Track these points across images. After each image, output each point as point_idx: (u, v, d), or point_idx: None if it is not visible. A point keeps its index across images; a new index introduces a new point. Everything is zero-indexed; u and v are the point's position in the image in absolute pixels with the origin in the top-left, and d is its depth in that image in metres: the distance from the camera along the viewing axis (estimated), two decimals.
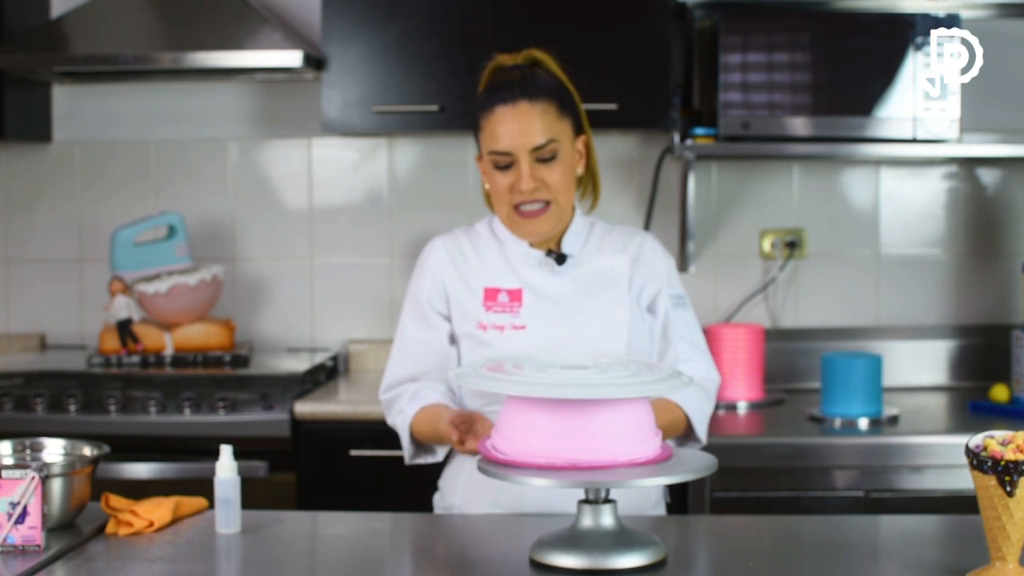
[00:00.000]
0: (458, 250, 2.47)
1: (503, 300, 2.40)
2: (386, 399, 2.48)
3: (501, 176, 2.34)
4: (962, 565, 1.85)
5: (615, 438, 1.87)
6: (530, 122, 2.31)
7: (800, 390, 3.61)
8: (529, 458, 1.87)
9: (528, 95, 2.33)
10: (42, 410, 3.34)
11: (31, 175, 3.98)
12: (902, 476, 3.04)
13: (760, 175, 3.81)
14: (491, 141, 2.34)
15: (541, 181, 2.33)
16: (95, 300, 3.89)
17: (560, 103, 2.35)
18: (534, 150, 2.31)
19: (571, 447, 1.86)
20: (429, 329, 2.45)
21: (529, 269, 2.43)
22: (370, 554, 2.11)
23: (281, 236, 3.93)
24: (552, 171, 2.33)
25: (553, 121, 2.33)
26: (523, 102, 2.32)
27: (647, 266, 2.45)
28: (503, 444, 1.91)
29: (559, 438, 1.86)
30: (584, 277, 2.42)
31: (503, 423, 1.93)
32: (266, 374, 3.48)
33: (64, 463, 2.11)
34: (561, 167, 2.35)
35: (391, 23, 3.51)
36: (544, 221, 2.37)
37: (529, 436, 1.88)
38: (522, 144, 2.31)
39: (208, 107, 3.94)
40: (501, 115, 2.32)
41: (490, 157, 2.35)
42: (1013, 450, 1.71)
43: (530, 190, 2.32)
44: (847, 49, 3.39)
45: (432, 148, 3.88)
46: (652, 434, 1.93)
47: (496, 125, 2.33)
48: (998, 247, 3.78)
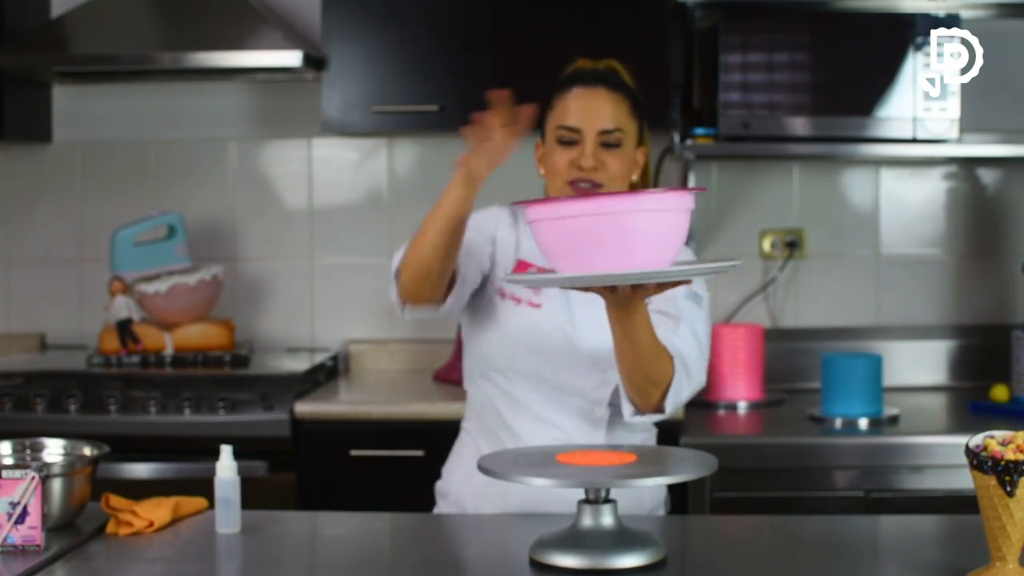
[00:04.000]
0: (512, 219, 2.48)
1: (532, 273, 2.39)
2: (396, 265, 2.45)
3: (563, 151, 2.37)
4: (962, 565, 1.85)
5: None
6: (604, 106, 2.36)
7: (800, 390, 3.61)
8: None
9: (607, 84, 2.39)
10: (42, 410, 3.34)
11: (31, 175, 3.98)
12: (902, 476, 3.04)
13: (760, 175, 3.81)
14: (562, 116, 2.37)
15: (602, 163, 2.35)
16: (95, 300, 3.88)
17: (634, 104, 2.41)
18: (601, 133, 2.35)
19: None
20: (475, 234, 2.40)
21: None
22: (370, 554, 2.11)
23: (281, 236, 3.93)
24: (614, 157, 2.36)
25: (624, 115, 2.38)
26: (601, 88, 2.38)
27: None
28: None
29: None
30: None
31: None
32: (266, 374, 3.48)
33: (64, 463, 2.11)
34: (622, 157, 2.38)
35: (391, 23, 3.51)
36: None
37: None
38: (592, 124, 2.35)
39: (208, 107, 3.94)
40: (577, 94, 2.38)
41: (556, 132, 2.37)
42: (1013, 450, 1.71)
43: (590, 167, 2.34)
44: (847, 49, 3.39)
45: (432, 148, 3.88)
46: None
47: (570, 101, 2.37)
48: (998, 247, 3.78)
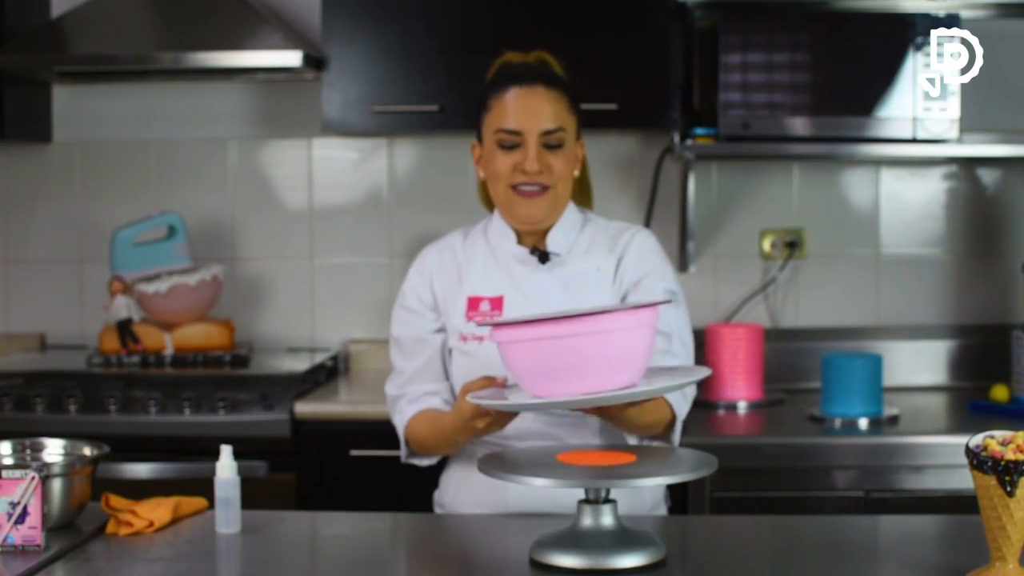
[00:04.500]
0: (451, 257, 2.45)
1: (484, 309, 2.38)
2: (390, 396, 2.48)
3: (504, 156, 2.33)
4: (962, 565, 1.85)
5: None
6: (545, 105, 2.32)
7: (800, 390, 3.61)
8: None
9: (545, 81, 2.34)
10: (42, 410, 3.34)
11: (31, 175, 3.98)
12: (902, 476, 3.04)
13: (760, 175, 3.81)
14: (500, 119, 2.32)
15: (546, 166, 2.32)
16: (95, 300, 3.88)
17: (571, 99, 2.37)
18: (544, 134, 2.31)
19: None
20: (418, 318, 2.44)
21: (514, 267, 2.40)
22: (370, 554, 2.11)
23: (281, 236, 3.93)
24: (557, 158, 2.33)
25: (564, 112, 2.34)
26: (539, 86, 2.33)
27: (632, 260, 2.40)
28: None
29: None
30: (568, 277, 2.39)
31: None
32: (266, 374, 3.48)
33: (64, 463, 2.11)
34: (565, 156, 2.34)
35: (391, 23, 3.51)
36: (541, 203, 2.34)
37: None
38: (534, 125, 2.31)
39: (208, 107, 3.94)
40: (516, 94, 2.32)
41: (496, 136, 2.33)
42: (1013, 450, 1.71)
43: (535, 172, 2.31)
44: (847, 49, 3.39)
45: (432, 148, 3.88)
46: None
47: (508, 103, 2.32)
48: (998, 247, 3.78)
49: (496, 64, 2.45)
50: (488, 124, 2.35)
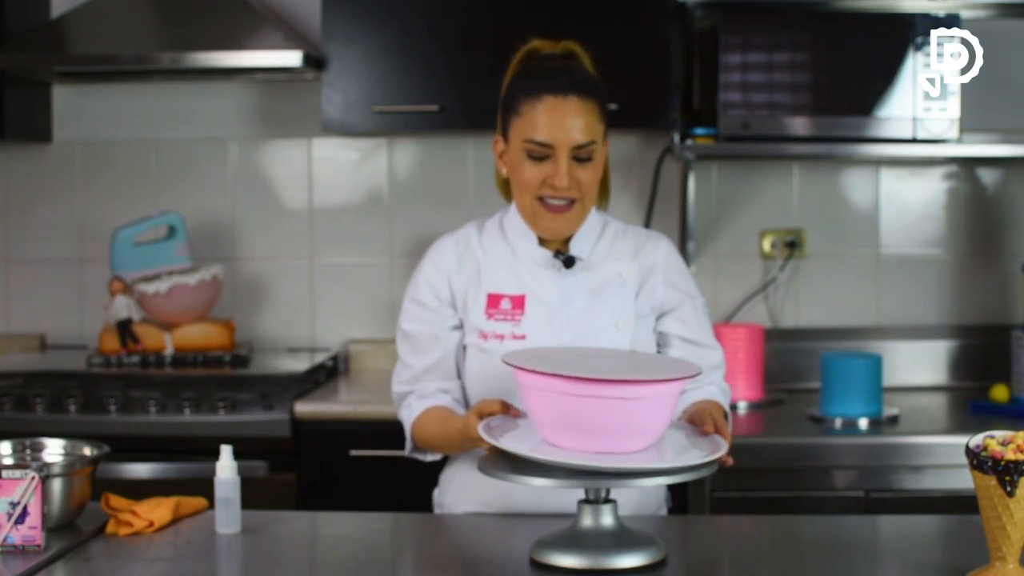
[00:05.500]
0: (467, 250, 2.40)
1: (505, 307, 2.34)
2: (398, 392, 2.44)
3: (533, 167, 2.26)
4: (962, 565, 1.85)
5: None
6: (578, 119, 2.24)
7: (800, 390, 3.61)
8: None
9: (579, 91, 2.26)
10: (42, 410, 3.34)
11: (31, 175, 3.98)
12: (902, 476, 3.04)
13: (760, 175, 3.81)
14: (531, 129, 2.25)
15: (575, 180, 2.26)
16: (95, 300, 3.89)
17: (602, 105, 2.30)
18: (575, 148, 2.25)
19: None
20: (434, 315, 2.39)
21: (536, 269, 2.36)
22: (370, 554, 2.11)
23: (281, 236, 3.93)
24: (586, 171, 2.27)
25: (595, 122, 2.28)
26: (573, 97, 2.25)
27: (662, 280, 2.38)
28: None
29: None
30: (591, 282, 2.35)
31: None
32: (266, 374, 3.48)
33: (64, 463, 2.11)
34: (594, 168, 2.29)
35: (391, 23, 3.51)
36: (568, 218, 2.30)
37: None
38: (566, 140, 2.24)
39: (208, 107, 3.94)
40: (550, 105, 2.24)
41: (525, 145, 2.26)
42: (1013, 450, 1.72)
43: (564, 187, 2.25)
44: (847, 49, 3.39)
45: (432, 148, 3.88)
46: None
47: (542, 114, 2.24)
48: (998, 247, 3.78)
49: (523, 51, 2.35)
50: (517, 129, 2.28)
